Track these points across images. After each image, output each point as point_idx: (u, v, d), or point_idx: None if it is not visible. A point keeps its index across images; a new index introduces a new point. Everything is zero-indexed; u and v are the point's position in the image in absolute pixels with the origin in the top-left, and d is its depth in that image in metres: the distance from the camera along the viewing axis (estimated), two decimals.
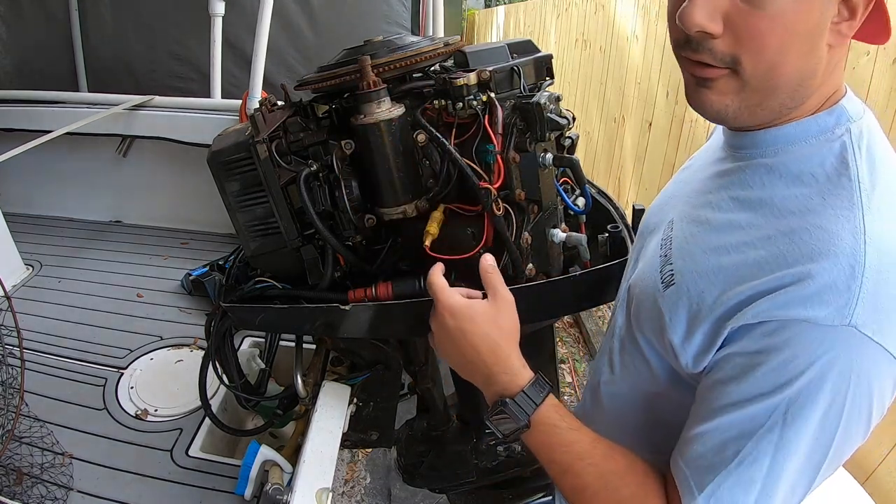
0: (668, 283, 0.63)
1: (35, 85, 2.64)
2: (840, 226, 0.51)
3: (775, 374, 0.51)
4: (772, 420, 0.52)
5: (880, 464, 1.73)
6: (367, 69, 0.73)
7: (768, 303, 0.52)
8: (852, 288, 0.49)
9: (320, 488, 0.94)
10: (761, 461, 0.53)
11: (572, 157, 0.81)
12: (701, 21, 0.52)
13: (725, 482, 0.54)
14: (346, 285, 0.86)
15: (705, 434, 0.57)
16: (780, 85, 0.55)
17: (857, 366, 0.49)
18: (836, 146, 0.56)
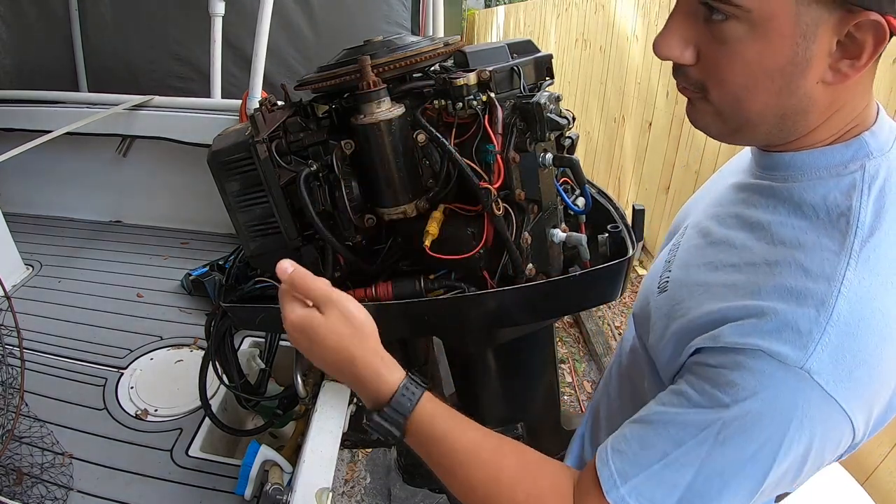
0: (662, 288, 0.65)
1: (35, 85, 2.64)
2: (821, 269, 0.50)
3: (720, 391, 0.51)
4: (705, 434, 0.52)
5: (880, 464, 1.73)
6: (367, 69, 0.73)
7: (731, 328, 0.52)
8: (814, 333, 0.48)
9: (320, 488, 0.94)
10: (687, 470, 0.52)
11: (572, 157, 0.81)
12: (668, 52, 0.54)
13: (649, 480, 0.54)
14: (346, 285, 0.86)
15: (640, 429, 0.57)
16: (752, 118, 0.54)
17: (800, 411, 0.49)
18: (845, 183, 0.54)
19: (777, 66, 0.49)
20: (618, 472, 0.55)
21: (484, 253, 0.79)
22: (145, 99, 2.31)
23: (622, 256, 0.81)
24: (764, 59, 0.49)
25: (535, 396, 1.09)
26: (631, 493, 0.54)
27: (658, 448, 0.54)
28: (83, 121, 2.08)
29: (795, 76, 0.50)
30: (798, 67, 0.49)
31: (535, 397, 1.10)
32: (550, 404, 1.16)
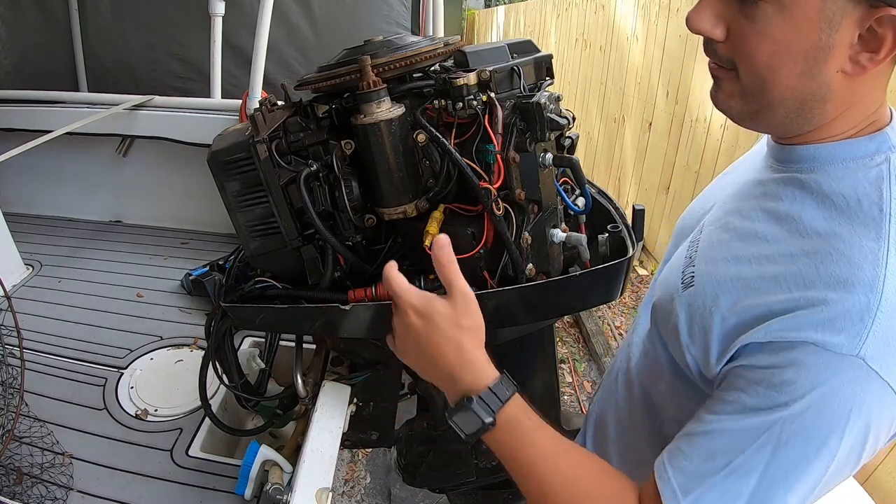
0: (687, 284, 0.65)
1: (35, 85, 2.64)
2: (863, 256, 0.51)
3: (776, 391, 0.51)
4: (766, 437, 0.52)
5: (880, 464, 1.73)
6: (367, 69, 0.73)
7: (780, 323, 0.52)
8: (865, 320, 0.49)
9: (320, 488, 0.94)
10: (750, 476, 0.52)
11: (572, 157, 0.81)
12: (701, 26, 0.56)
13: (711, 491, 0.54)
14: (347, 285, 0.86)
15: (697, 441, 0.56)
16: (774, 100, 0.55)
17: (859, 399, 0.49)
18: (872, 174, 0.55)
19: (801, 48, 0.51)
20: (679, 486, 0.55)
21: (484, 253, 0.79)
22: (145, 99, 2.31)
23: (622, 256, 0.81)
24: (790, 41, 0.51)
25: (534, 396, 1.09)
26: None
27: (718, 458, 0.54)
28: (83, 121, 2.08)
29: (818, 61, 0.51)
30: (821, 53, 0.51)
31: (535, 397, 1.10)
32: (550, 404, 1.16)
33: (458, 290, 0.64)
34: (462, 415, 0.63)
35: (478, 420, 0.62)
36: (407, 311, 0.65)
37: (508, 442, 0.63)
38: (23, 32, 3.00)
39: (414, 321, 0.65)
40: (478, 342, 0.65)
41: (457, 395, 0.64)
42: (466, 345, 0.64)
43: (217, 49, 2.41)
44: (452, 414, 0.64)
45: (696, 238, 0.70)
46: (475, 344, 0.65)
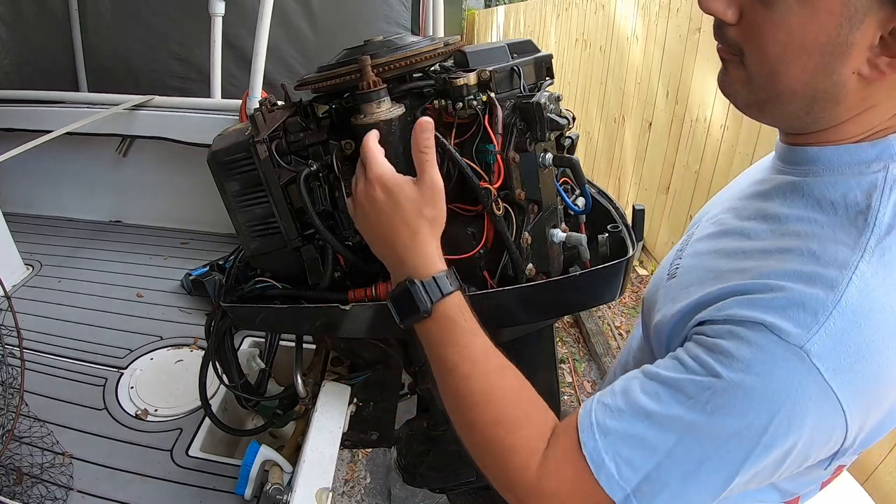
0: (671, 275, 0.65)
1: (35, 85, 2.64)
2: (833, 258, 0.50)
3: (714, 360, 0.50)
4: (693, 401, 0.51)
5: (880, 464, 1.73)
6: (367, 69, 0.73)
7: (735, 301, 0.52)
8: (819, 315, 0.47)
9: (320, 488, 0.94)
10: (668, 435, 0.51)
11: (572, 157, 0.81)
12: (713, 6, 0.54)
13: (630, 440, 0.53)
14: (347, 285, 0.86)
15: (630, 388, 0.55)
16: (783, 93, 0.53)
17: (794, 394, 0.47)
18: (866, 182, 0.53)
19: (817, 42, 0.49)
20: (598, 424, 0.54)
21: (484, 253, 0.79)
22: (145, 99, 2.31)
23: (622, 256, 0.81)
24: (806, 32, 0.49)
25: None
26: (608, 449, 0.53)
27: (644, 408, 0.53)
28: (83, 121, 2.08)
29: (833, 58, 0.49)
30: (838, 49, 0.49)
31: None
32: (550, 404, 1.16)
33: (428, 178, 0.64)
34: (400, 297, 0.63)
35: (414, 305, 0.62)
36: (373, 182, 0.65)
37: (440, 336, 0.62)
38: (23, 32, 3.00)
39: (378, 195, 0.64)
40: (435, 233, 0.65)
41: (401, 278, 0.64)
42: (422, 232, 0.64)
43: (217, 49, 2.41)
44: (392, 296, 0.64)
45: (690, 233, 0.71)
46: (432, 234, 0.65)
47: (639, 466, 0.52)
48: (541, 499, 0.56)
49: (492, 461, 0.59)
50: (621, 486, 0.52)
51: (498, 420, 0.59)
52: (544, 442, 0.57)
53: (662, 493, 0.52)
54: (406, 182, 0.65)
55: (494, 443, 0.59)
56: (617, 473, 0.52)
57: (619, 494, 0.52)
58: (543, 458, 0.56)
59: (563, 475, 0.55)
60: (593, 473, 0.53)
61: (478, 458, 0.61)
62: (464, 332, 0.62)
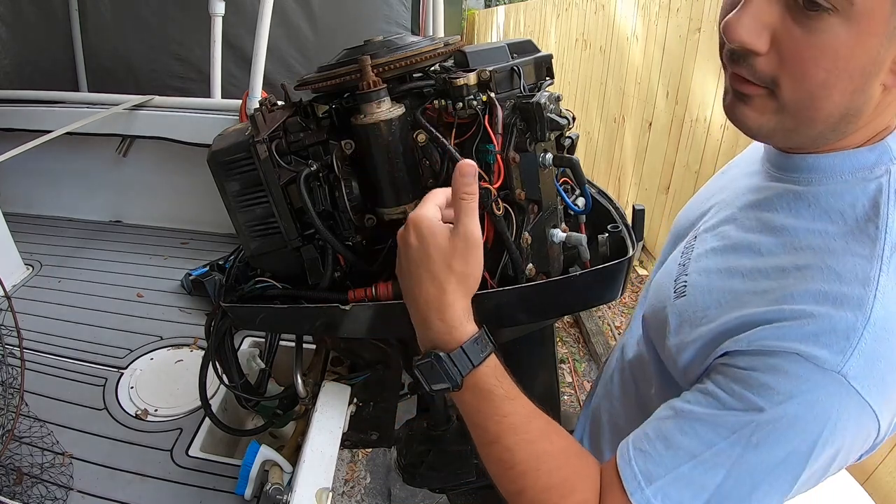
0: (679, 293, 0.64)
1: (35, 85, 2.64)
2: (853, 274, 0.50)
3: (754, 393, 0.50)
4: (737, 436, 0.51)
5: (880, 464, 1.73)
6: (368, 69, 0.73)
7: (765, 331, 0.51)
8: (851, 338, 0.48)
9: (320, 488, 0.94)
10: (716, 471, 0.51)
11: (572, 157, 0.80)
12: (745, 37, 0.49)
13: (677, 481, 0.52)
14: (347, 285, 0.86)
15: (665, 427, 0.55)
16: (818, 118, 0.52)
17: (835, 415, 0.48)
18: (872, 188, 0.53)
19: (861, 64, 0.47)
20: (642, 472, 0.54)
21: (484, 253, 0.79)
22: (145, 99, 2.31)
23: (622, 256, 0.81)
24: (853, 56, 0.47)
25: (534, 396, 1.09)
26: (657, 495, 0.52)
27: (686, 448, 0.52)
28: (83, 121, 2.08)
29: (869, 77, 0.48)
30: (876, 68, 0.48)
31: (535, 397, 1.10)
32: (550, 404, 1.16)
33: (462, 229, 0.57)
34: (428, 368, 0.58)
35: (443, 379, 0.58)
36: (410, 225, 0.59)
37: (475, 406, 0.59)
38: (23, 32, 3.00)
39: (412, 240, 0.59)
40: (464, 290, 0.59)
41: (427, 343, 0.60)
42: (449, 290, 0.58)
43: (217, 49, 2.41)
44: (419, 362, 0.59)
45: (690, 245, 0.69)
46: (460, 292, 0.59)
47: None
48: None
49: None
50: None
51: (549, 486, 0.57)
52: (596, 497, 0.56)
53: None
54: (441, 230, 0.58)
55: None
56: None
57: None
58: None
59: None
60: None
61: None
62: (502, 401, 0.58)
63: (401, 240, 0.61)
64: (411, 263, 0.59)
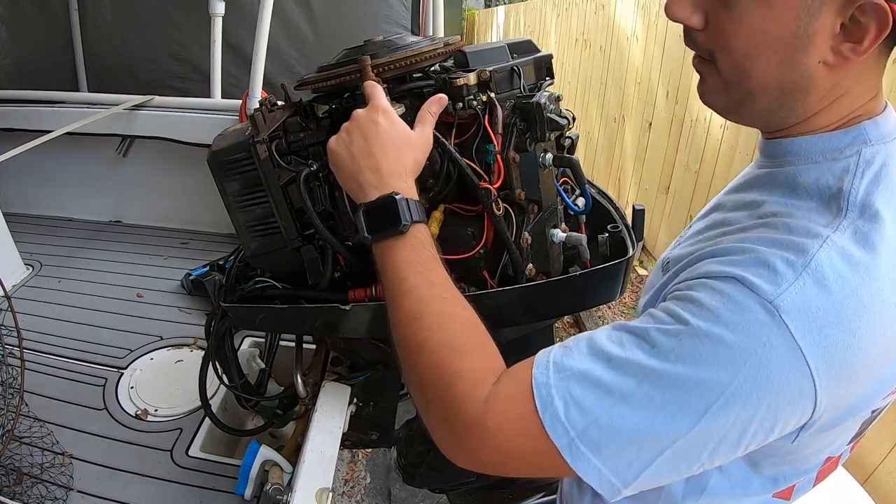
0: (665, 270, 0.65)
1: (35, 85, 2.64)
2: (805, 230, 0.50)
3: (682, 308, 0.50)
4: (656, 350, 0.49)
5: (880, 464, 1.73)
6: (368, 69, 0.73)
7: (707, 263, 0.53)
8: (788, 275, 0.47)
9: (320, 488, 0.94)
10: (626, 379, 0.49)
11: (572, 157, 0.81)
12: (679, 13, 0.55)
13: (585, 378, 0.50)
14: (346, 285, 0.86)
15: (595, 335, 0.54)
16: (755, 89, 0.54)
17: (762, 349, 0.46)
18: (839, 167, 0.54)
19: (779, 36, 0.50)
20: (555, 362, 0.52)
21: (484, 253, 0.79)
22: (145, 99, 2.31)
23: (622, 256, 0.81)
24: (767, 28, 0.50)
25: None
26: (559, 386, 0.50)
27: (605, 353, 0.51)
28: (83, 121, 2.08)
29: (797, 50, 0.51)
30: (800, 41, 0.50)
31: None
32: None
33: (423, 131, 0.68)
34: (377, 210, 0.62)
35: (393, 219, 0.61)
36: (378, 109, 0.67)
37: (406, 256, 0.61)
38: (23, 32, 3.00)
39: (380, 119, 0.66)
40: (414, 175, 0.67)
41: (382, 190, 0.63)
42: (408, 166, 0.65)
43: (217, 49, 2.41)
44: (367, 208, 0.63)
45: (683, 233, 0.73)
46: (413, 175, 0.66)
47: (589, 409, 0.49)
48: (482, 436, 0.52)
49: (435, 390, 0.55)
50: (566, 428, 0.49)
51: (448, 344, 0.56)
52: (494, 375, 0.55)
53: (613, 439, 0.49)
54: (405, 125, 0.67)
55: (441, 367, 0.55)
56: (564, 415, 0.49)
57: (562, 438, 0.49)
58: (492, 392, 0.53)
59: (508, 413, 0.51)
60: (538, 413, 0.50)
61: (421, 389, 0.57)
62: (431, 258, 0.62)
63: (363, 117, 0.67)
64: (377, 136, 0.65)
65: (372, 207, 0.63)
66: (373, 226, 0.63)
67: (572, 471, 0.50)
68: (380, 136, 0.65)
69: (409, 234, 0.62)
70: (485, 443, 0.52)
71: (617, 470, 0.49)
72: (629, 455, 0.49)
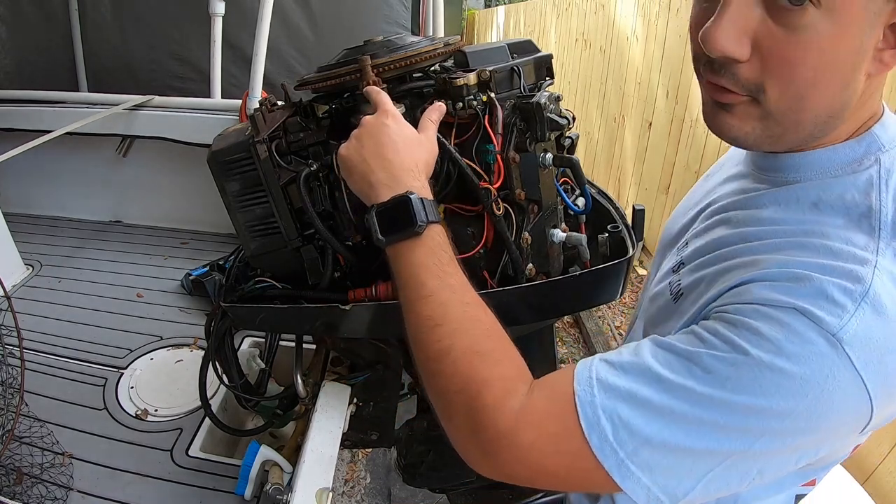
0: (676, 295, 0.62)
1: (35, 85, 2.64)
2: (851, 255, 0.48)
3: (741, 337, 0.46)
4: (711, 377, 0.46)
5: (880, 464, 1.73)
6: (368, 69, 0.73)
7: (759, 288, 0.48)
8: (848, 306, 0.45)
9: (320, 488, 0.94)
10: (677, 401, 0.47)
11: (572, 157, 0.81)
12: (727, 46, 0.47)
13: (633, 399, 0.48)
14: (346, 285, 0.86)
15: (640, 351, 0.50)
16: (805, 119, 0.50)
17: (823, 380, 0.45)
18: (862, 180, 0.51)
19: (846, 55, 0.46)
20: (598, 378, 0.49)
21: (484, 253, 0.79)
22: (145, 99, 2.31)
23: (622, 256, 0.81)
24: (838, 48, 0.45)
25: None
26: (606, 406, 0.47)
27: (653, 373, 0.48)
28: (83, 121, 2.08)
29: (857, 68, 0.47)
30: (860, 58, 0.46)
31: None
32: None
33: (430, 135, 0.68)
34: (391, 210, 0.59)
35: (408, 220, 0.58)
36: (388, 113, 0.66)
37: (422, 259, 0.58)
38: (23, 32, 3.00)
39: (391, 122, 0.65)
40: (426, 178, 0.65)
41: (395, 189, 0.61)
42: (420, 167, 0.64)
43: (217, 49, 2.41)
44: (380, 208, 0.60)
45: (681, 250, 0.68)
46: (426, 175, 0.65)
47: (639, 430, 0.47)
48: (514, 449, 0.49)
49: (461, 399, 0.52)
50: (615, 449, 0.47)
51: (474, 350, 0.53)
52: (524, 384, 0.52)
53: (665, 459, 0.47)
54: (413, 129, 0.67)
55: (467, 375, 0.52)
56: (612, 435, 0.47)
57: (611, 459, 0.47)
58: (525, 404, 0.50)
59: (545, 428, 0.49)
60: (584, 432, 0.47)
61: (444, 398, 0.54)
62: (448, 261, 0.58)
63: (373, 122, 0.65)
64: (388, 138, 0.64)
65: (384, 208, 0.60)
66: (386, 227, 0.59)
67: (617, 488, 0.48)
68: (390, 136, 0.64)
69: (425, 235, 0.58)
70: (517, 457, 0.50)
71: (667, 488, 0.48)
72: (680, 474, 0.48)
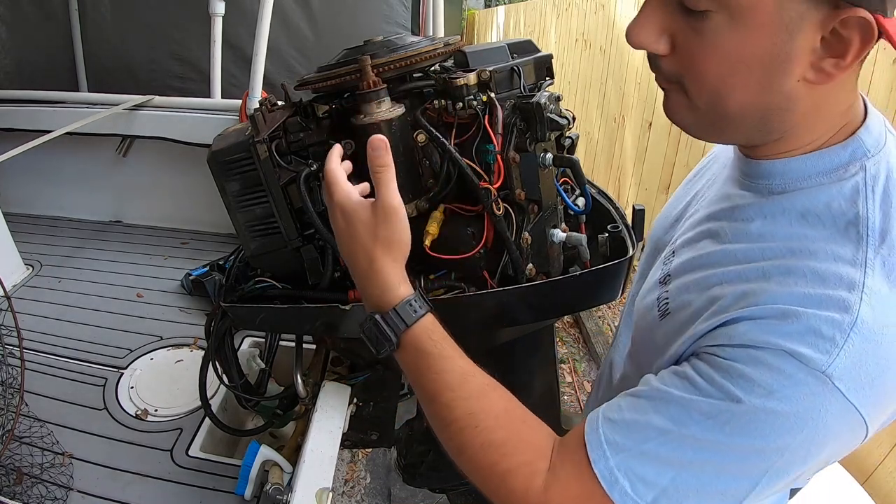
0: (663, 312, 0.63)
1: (35, 85, 2.64)
2: (839, 279, 0.49)
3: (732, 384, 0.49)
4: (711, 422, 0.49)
5: (880, 464, 1.73)
6: (368, 69, 0.73)
7: (748, 326, 0.50)
8: (837, 339, 0.47)
9: (320, 488, 0.94)
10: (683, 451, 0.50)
11: (572, 157, 0.81)
12: (642, 40, 0.52)
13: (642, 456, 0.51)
14: (347, 285, 0.86)
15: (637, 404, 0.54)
16: (731, 115, 0.52)
17: (816, 415, 0.47)
18: (848, 188, 0.52)
19: (756, 58, 0.48)
20: (608, 441, 0.52)
21: (484, 253, 0.79)
22: (145, 99, 2.31)
23: (622, 256, 0.81)
24: (743, 51, 0.48)
25: (534, 396, 1.09)
26: (621, 466, 0.51)
27: (656, 425, 0.51)
28: (83, 121, 2.08)
29: (775, 72, 0.48)
30: (778, 62, 0.47)
31: (535, 397, 1.10)
32: (550, 404, 1.16)
33: (381, 201, 0.61)
34: (369, 332, 0.62)
35: (381, 339, 0.61)
36: (334, 209, 0.64)
37: (413, 366, 0.61)
38: (23, 32, 3.00)
39: (339, 221, 0.63)
40: (393, 256, 0.62)
41: (368, 308, 0.64)
42: (378, 257, 0.61)
43: (217, 49, 2.41)
44: (363, 329, 0.63)
45: (668, 260, 0.68)
46: (389, 258, 0.62)
47: (654, 482, 0.51)
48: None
49: (490, 485, 0.57)
50: (636, 501, 0.51)
51: (488, 444, 0.56)
52: (545, 461, 0.55)
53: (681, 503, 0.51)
54: (362, 206, 0.62)
55: (488, 468, 0.56)
56: (632, 490, 0.51)
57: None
58: (549, 478, 0.54)
59: (570, 493, 0.53)
60: (606, 491, 0.51)
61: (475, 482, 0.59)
62: (436, 359, 0.60)
63: (332, 223, 0.65)
64: (343, 241, 0.64)
65: (364, 330, 0.63)
66: (373, 344, 0.63)
67: None
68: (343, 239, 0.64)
69: (404, 344, 0.61)
70: None
71: None
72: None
